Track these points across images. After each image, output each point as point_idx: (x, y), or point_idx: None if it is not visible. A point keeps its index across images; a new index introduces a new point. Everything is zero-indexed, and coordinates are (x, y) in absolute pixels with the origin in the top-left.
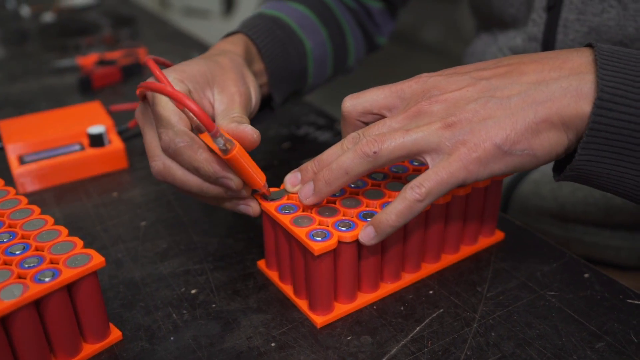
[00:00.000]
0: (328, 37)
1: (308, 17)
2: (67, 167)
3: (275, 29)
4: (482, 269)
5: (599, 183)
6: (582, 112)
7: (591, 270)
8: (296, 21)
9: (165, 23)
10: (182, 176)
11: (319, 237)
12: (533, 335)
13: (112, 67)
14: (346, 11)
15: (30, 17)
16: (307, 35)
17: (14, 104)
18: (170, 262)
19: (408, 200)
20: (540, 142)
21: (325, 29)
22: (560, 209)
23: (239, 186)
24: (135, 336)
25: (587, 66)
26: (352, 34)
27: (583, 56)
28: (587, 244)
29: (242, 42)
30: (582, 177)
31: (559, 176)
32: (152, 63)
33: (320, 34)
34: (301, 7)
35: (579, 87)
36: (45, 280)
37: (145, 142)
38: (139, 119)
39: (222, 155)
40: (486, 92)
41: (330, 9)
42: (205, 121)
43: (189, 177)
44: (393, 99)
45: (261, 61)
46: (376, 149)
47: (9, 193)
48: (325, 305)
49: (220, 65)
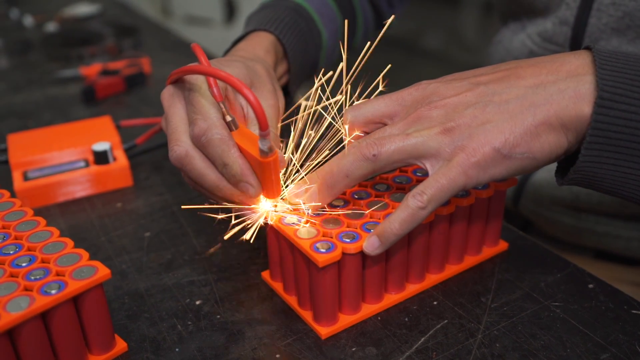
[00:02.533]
0: (341, 25)
1: (328, 5)
2: (69, 184)
3: (299, 22)
4: (486, 279)
5: (603, 185)
6: (581, 113)
7: (595, 281)
8: (317, 10)
9: (167, 32)
10: (201, 168)
11: (323, 249)
12: (538, 347)
13: (115, 77)
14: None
15: (33, 27)
16: (325, 24)
17: (18, 114)
18: (174, 273)
19: (411, 209)
20: (539, 145)
21: (341, 17)
22: (574, 198)
23: (256, 195)
24: (140, 347)
25: (585, 67)
26: (363, 16)
27: (580, 58)
28: (598, 233)
29: (272, 48)
30: (586, 179)
31: (562, 180)
32: (199, 49)
33: (335, 22)
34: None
35: (577, 89)
36: (52, 293)
37: (170, 125)
38: (165, 100)
39: (259, 157)
40: (484, 97)
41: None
42: (261, 117)
43: (208, 171)
44: (394, 107)
45: (286, 62)
46: (375, 151)
47: (14, 205)
48: (329, 317)
49: (258, 74)
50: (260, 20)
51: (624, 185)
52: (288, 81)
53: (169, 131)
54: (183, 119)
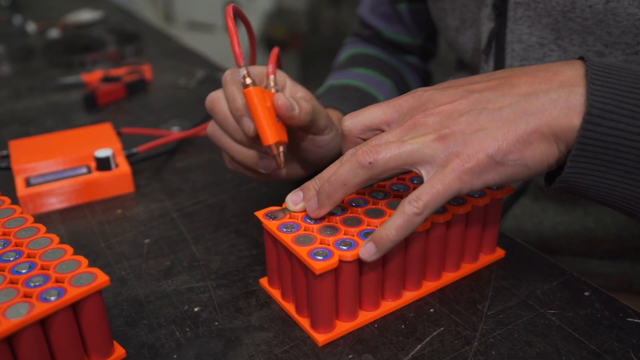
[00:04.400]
0: (393, 85)
1: (372, 77)
2: (72, 190)
3: (352, 94)
4: (482, 287)
5: (589, 194)
6: (571, 124)
7: (591, 289)
8: (364, 82)
9: (169, 39)
10: (225, 111)
11: (320, 256)
12: (533, 354)
13: (117, 83)
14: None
15: (36, 34)
16: (377, 90)
17: (19, 120)
18: (173, 280)
19: (407, 215)
20: (531, 153)
21: (389, 80)
22: (544, 242)
23: (249, 132)
24: (138, 354)
25: (577, 79)
26: (410, 74)
27: (574, 69)
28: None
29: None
30: (572, 188)
31: (550, 187)
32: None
33: (387, 86)
34: (364, 70)
35: (568, 99)
36: (51, 299)
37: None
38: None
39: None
40: (478, 105)
41: (386, 63)
42: (236, 50)
43: (229, 114)
44: (391, 114)
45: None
46: (371, 159)
47: (15, 212)
48: (326, 324)
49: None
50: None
51: (610, 195)
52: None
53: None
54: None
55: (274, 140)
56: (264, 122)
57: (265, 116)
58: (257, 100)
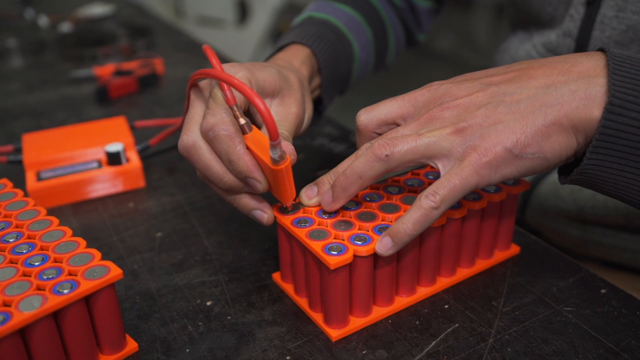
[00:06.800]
0: (372, 38)
1: (355, 19)
2: (82, 185)
3: (328, 34)
4: (497, 283)
5: (605, 188)
6: (591, 116)
7: (608, 286)
8: (345, 24)
9: (180, 33)
10: (207, 160)
11: (335, 251)
12: (549, 352)
13: (128, 77)
14: (390, 9)
15: (48, 27)
16: (355, 37)
17: (32, 113)
18: (185, 274)
19: (424, 209)
20: (550, 145)
21: (371, 30)
22: (579, 211)
23: (264, 190)
24: (151, 348)
25: (597, 70)
26: (394, 32)
27: (592, 60)
28: (605, 245)
29: (307, 61)
30: (589, 181)
31: (565, 179)
32: (210, 51)
33: (365, 35)
34: (348, 9)
35: (587, 90)
36: (64, 292)
37: (186, 117)
38: (190, 98)
39: (271, 165)
40: (496, 97)
41: (375, 9)
42: (271, 126)
43: (213, 163)
44: (407, 108)
45: (319, 76)
46: (388, 152)
47: (28, 204)
48: (340, 319)
49: (289, 82)
50: (294, 36)
51: (625, 190)
52: (322, 92)
53: (183, 121)
54: (199, 113)
55: (294, 196)
56: (288, 186)
57: (290, 180)
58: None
